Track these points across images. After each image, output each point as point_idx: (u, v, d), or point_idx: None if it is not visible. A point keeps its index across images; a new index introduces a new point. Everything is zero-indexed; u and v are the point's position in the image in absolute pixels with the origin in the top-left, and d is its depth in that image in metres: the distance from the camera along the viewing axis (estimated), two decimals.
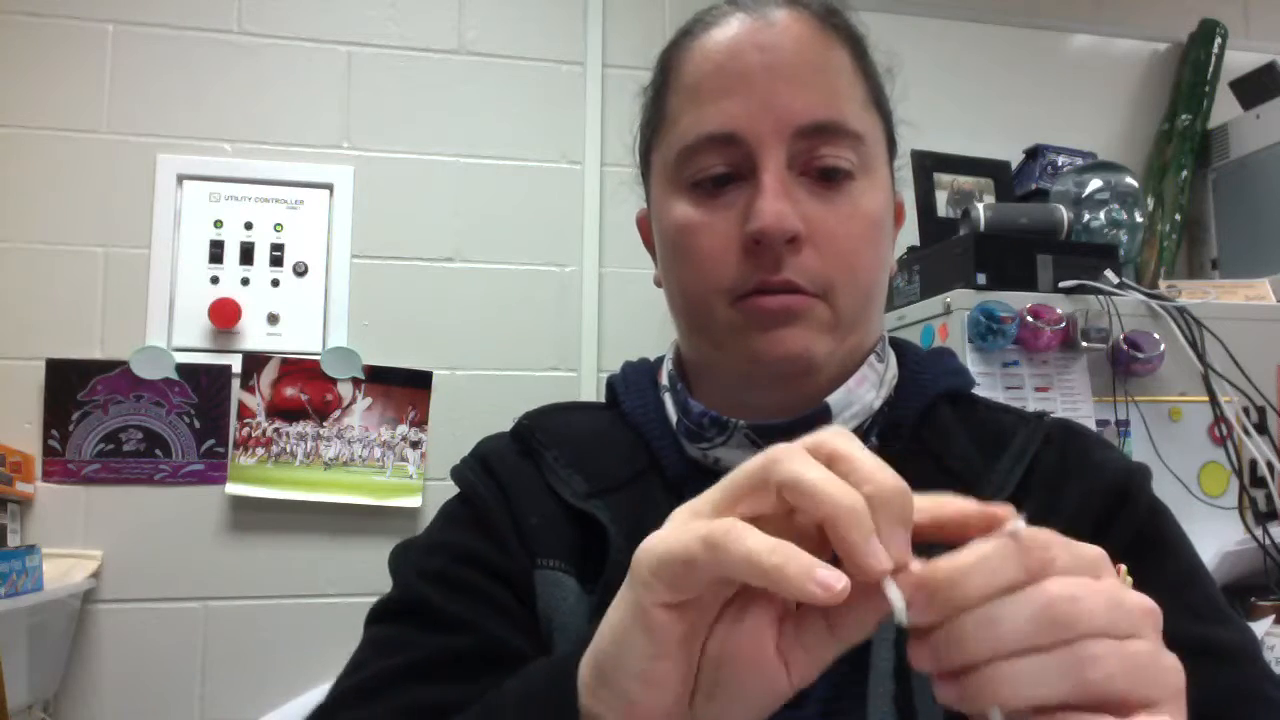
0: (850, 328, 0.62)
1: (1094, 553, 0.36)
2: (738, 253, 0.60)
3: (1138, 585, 0.52)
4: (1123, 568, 0.52)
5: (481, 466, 0.68)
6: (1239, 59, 2.22)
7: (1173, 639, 0.55)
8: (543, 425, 0.69)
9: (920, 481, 0.62)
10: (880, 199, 0.63)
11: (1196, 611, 0.58)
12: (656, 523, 0.62)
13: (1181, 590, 0.58)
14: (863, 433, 0.64)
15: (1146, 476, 0.65)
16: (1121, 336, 1.49)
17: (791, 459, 0.36)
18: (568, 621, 0.60)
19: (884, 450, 0.64)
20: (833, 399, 0.62)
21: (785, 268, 0.59)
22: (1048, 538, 0.35)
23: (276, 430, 1.80)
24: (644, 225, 0.72)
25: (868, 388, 0.64)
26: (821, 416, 0.62)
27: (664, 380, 0.71)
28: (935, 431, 0.65)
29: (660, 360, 0.73)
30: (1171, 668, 0.35)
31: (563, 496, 0.64)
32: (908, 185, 0.73)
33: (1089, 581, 0.34)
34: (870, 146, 0.62)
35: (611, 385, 0.73)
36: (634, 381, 0.72)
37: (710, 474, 0.64)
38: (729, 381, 0.65)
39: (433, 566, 0.63)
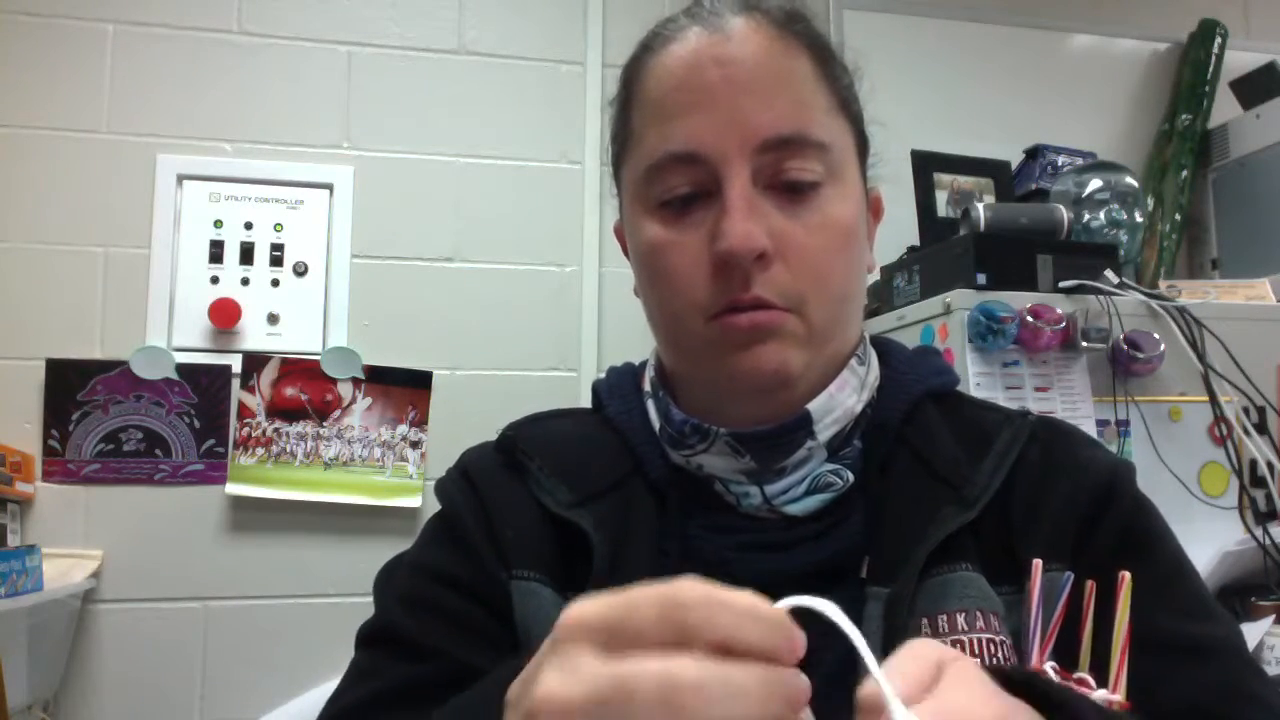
0: (825, 338, 0.62)
1: None
2: (708, 271, 0.60)
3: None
4: (1126, 576, 0.52)
5: (463, 479, 0.69)
6: (1239, 59, 2.22)
7: (1158, 637, 0.55)
8: (526, 435, 0.69)
9: (906, 481, 0.62)
10: (850, 205, 0.63)
11: (1182, 609, 0.58)
12: (641, 527, 0.63)
13: (1167, 587, 0.59)
14: (844, 436, 0.64)
15: (1131, 473, 0.65)
16: (1121, 336, 1.48)
17: (714, 610, 0.33)
18: (545, 631, 0.60)
19: (867, 452, 0.64)
20: (813, 405, 0.62)
21: (755, 284, 0.59)
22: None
23: (276, 430, 1.79)
24: (621, 236, 0.72)
25: (849, 392, 0.64)
26: (802, 423, 0.62)
27: (647, 386, 0.71)
28: (919, 432, 0.65)
29: (644, 365, 0.74)
30: None
31: (547, 507, 0.64)
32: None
33: None
34: (837, 154, 0.62)
35: (596, 390, 0.74)
36: (618, 386, 0.73)
37: (692, 479, 0.66)
38: (708, 392, 0.65)
39: (409, 590, 0.65)
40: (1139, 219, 1.80)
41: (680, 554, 0.63)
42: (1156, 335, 1.50)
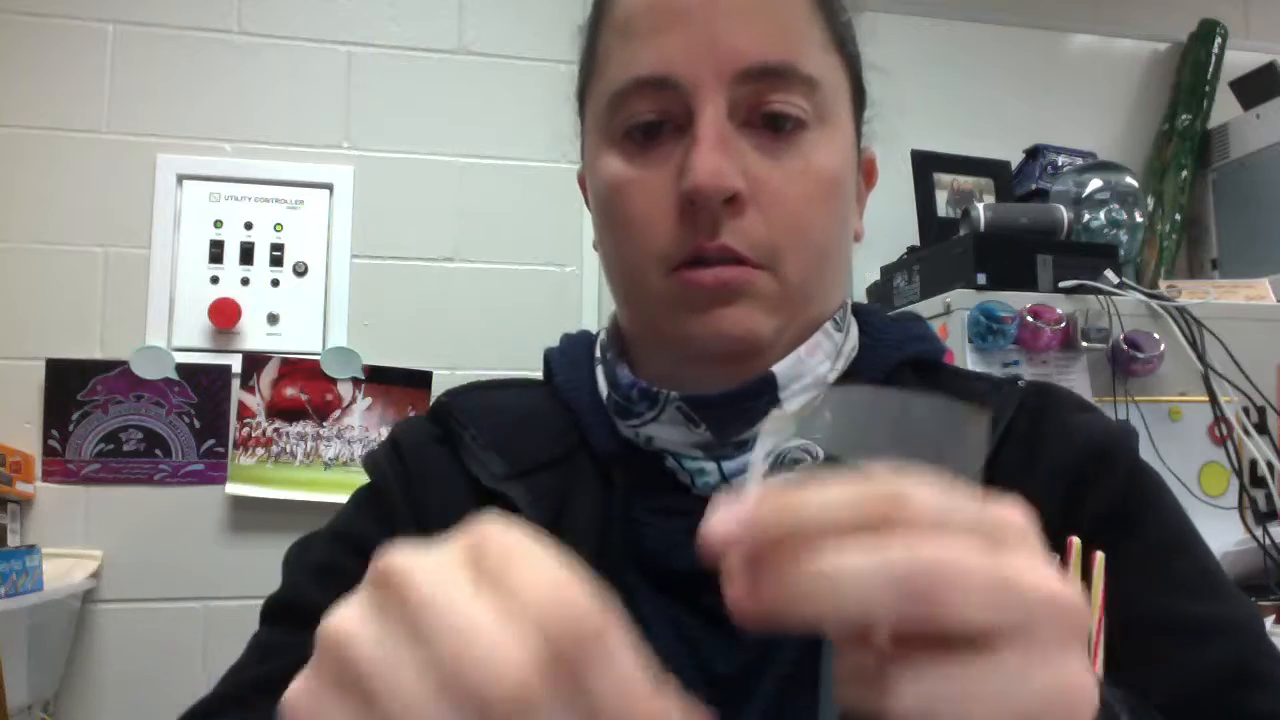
0: (801, 301, 0.55)
1: (988, 514, 0.27)
2: (673, 215, 0.53)
3: (1116, 561, 0.47)
4: (1098, 554, 0.47)
5: (392, 450, 0.64)
6: (1239, 59, 2.22)
7: (1153, 618, 0.50)
8: (461, 404, 0.63)
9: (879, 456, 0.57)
10: (839, 153, 0.56)
11: (1182, 586, 0.52)
12: (581, 508, 0.56)
13: (1164, 563, 0.53)
14: (815, 407, 0.58)
15: (1129, 439, 0.59)
16: (1121, 336, 1.49)
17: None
18: None
19: None
20: (779, 368, 0.55)
21: (724, 232, 0.52)
22: (906, 493, 0.27)
23: (276, 430, 1.79)
24: (584, 184, 0.65)
25: (821, 357, 0.57)
26: (766, 387, 0.55)
27: (598, 352, 0.65)
28: None
29: (600, 332, 0.68)
30: (1051, 682, 0.27)
31: (479, 480, 0.58)
32: (883, 143, 0.68)
33: (965, 550, 0.26)
34: (828, 94, 0.55)
35: (548, 359, 0.67)
36: (569, 354, 0.67)
37: (643, 455, 0.58)
38: (667, 356, 0.58)
39: (321, 560, 0.60)
40: (1139, 219, 1.80)
41: (624, 539, 0.56)
42: (1156, 335, 1.50)
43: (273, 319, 1.83)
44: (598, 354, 0.64)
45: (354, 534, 0.61)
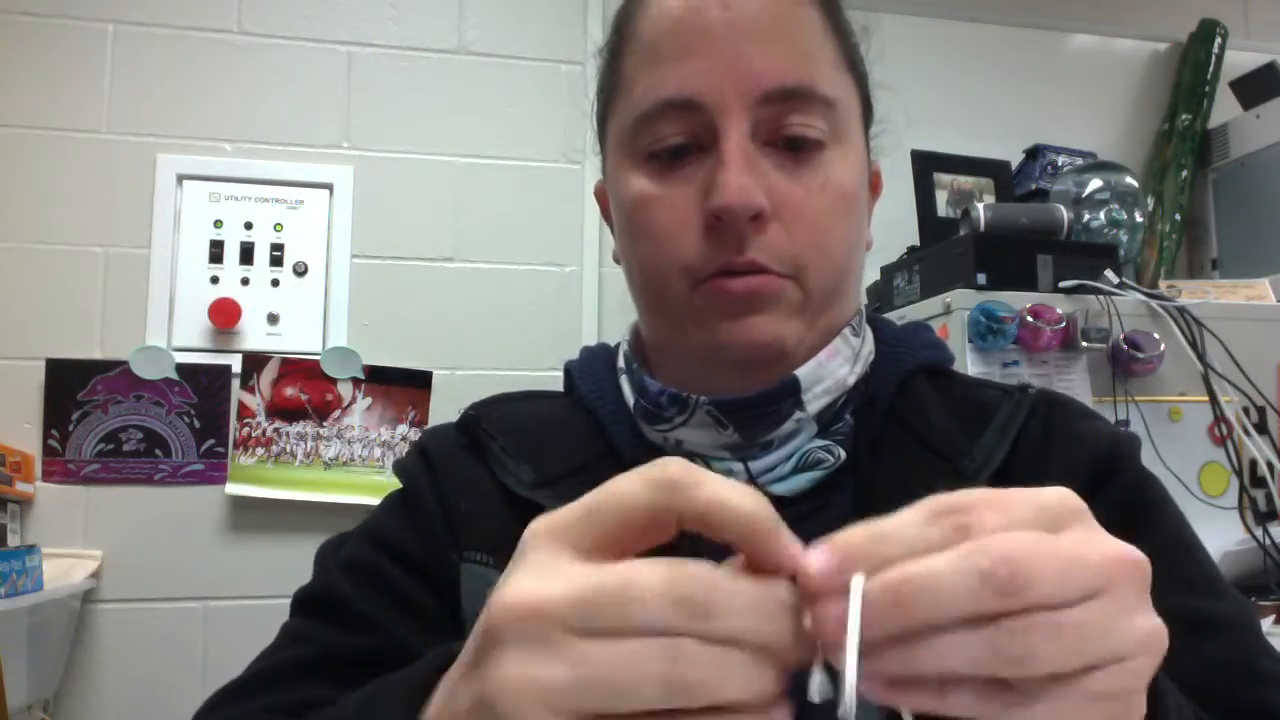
0: (822, 308, 0.58)
1: (1044, 501, 0.31)
2: (698, 230, 0.56)
3: None
4: None
5: (420, 457, 0.66)
6: (1239, 59, 2.22)
7: (1163, 612, 0.52)
8: (489, 415, 0.66)
9: (898, 458, 0.59)
10: (854, 169, 0.59)
11: (1188, 584, 0.54)
12: None
13: (1170, 563, 0.54)
14: (836, 409, 0.60)
15: (1134, 445, 0.61)
16: (1121, 336, 1.48)
17: (700, 480, 0.30)
18: None
19: (858, 430, 0.60)
20: (802, 372, 0.58)
21: (750, 247, 0.55)
22: (969, 499, 0.30)
23: (276, 430, 1.79)
24: (602, 196, 0.68)
25: (840, 361, 0.60)
26: (790, 390, 0.58)
27: (621, 363, 0.67)
28: (912, 407, 0.61)
29: (620, 344, 0.70)
30: (1139, 630, 0.30)
31: (509, 487, 0.60)
32: (887, 154, 0.70)
33: (1035, 538, 0.29)
34: (842, 112, 0.58)
35: (568, 370, 0.70)
36: (589, 365, 0.69)
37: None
38: (690, 363, 0.60)
39: (356, 557, 0.62)
40: (1139, 219, 1.80)
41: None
42: (1156, 335, 1.50)
43: (273, 319, 1.83)
44: (620, 364, 0.67)
45: (385, 535, 0.63)
